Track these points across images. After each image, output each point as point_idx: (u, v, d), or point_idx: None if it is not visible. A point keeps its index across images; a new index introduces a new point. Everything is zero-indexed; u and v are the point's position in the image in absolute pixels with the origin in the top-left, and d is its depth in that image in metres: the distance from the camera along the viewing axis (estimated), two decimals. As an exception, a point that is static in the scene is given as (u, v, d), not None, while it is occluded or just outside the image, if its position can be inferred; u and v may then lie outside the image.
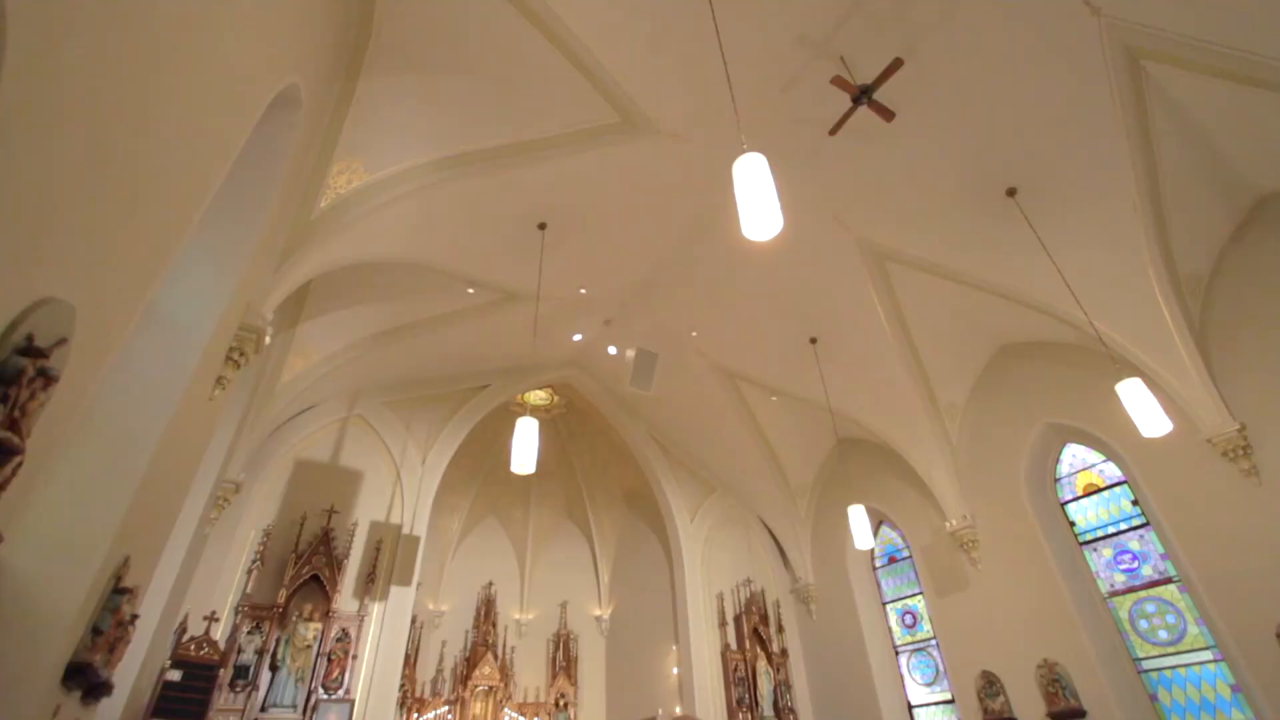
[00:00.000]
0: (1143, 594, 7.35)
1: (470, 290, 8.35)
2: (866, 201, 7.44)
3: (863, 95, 5.84)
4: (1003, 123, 6.24)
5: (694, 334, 9.84)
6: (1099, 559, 7.83)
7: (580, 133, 6.53)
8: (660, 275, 8.88)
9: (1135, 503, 7.59)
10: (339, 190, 5.81)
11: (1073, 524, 8.16)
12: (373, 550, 8.18)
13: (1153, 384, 6.60)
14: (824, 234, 7.86)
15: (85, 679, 3.63)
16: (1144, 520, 7.48)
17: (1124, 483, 7.74)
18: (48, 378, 2.34)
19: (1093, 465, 8.13)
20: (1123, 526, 7.68)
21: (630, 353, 9.98)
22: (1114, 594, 7.59)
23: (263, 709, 6.63)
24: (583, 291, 9.07)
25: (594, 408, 11.80)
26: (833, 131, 6.31)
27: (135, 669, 5.34)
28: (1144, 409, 5.27)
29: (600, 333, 10.29)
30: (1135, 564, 7.49)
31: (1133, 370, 6.89)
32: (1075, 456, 8.34)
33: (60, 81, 2.12)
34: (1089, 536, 7.98)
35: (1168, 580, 7.16)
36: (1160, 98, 5.74)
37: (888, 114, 5.97)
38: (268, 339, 5.61)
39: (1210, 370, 6.59)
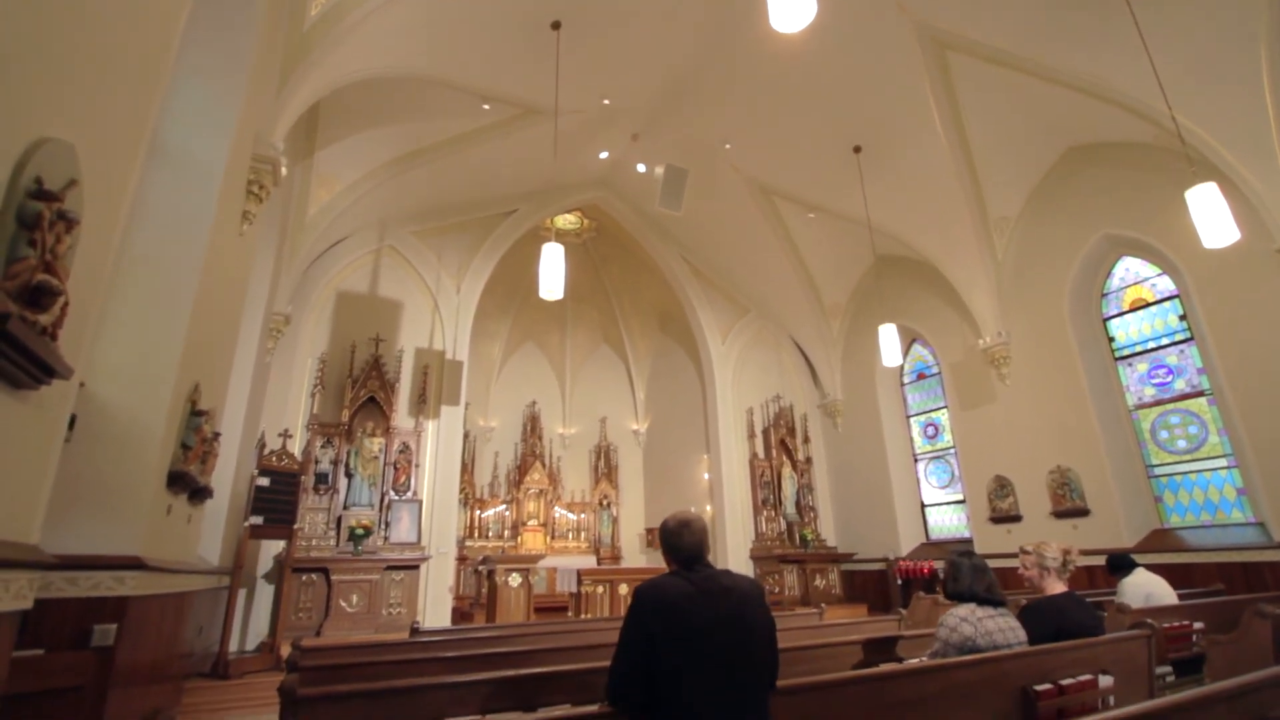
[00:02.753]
0: (1169, 406, 7.43)
1: (485, 106, 7.80)
2: (931, -23, 6.34)
3: None
4: None
5: (727, 146, 9.19)
6: (1132, 374, 7.83)
7: (592, -97, 5.53)
8: (689, 80, 8.07)
9: (1183, 317, 7.37)
10: (327, -6, 5.21)
11: (1112, 339, 8.06)
12: (420, 374, 8.74)
13: (1229, 189, 5.99)
14: (877, 22, 6.86)
15: (185, 484, 4.20)
16: (1188, 335, 7.31)
17: (1175, 297, 7.46)
18: (68, 221, 2.35)
19: (1146, 279, 7.79)
20: (1164, 341, 7.55)
21: (659, 170, 9.46)
22: (1140, 407, 7.70)
23: (345, 507, 7.67)
24: (606, 102, 8.37)
25: (624, 231, 11.54)
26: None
27: (230, 477, 6.13)
28: (1213, 217, 4.84)
29: (628, 149, 9.69)
30: (1169, 378, 7.48)
31: (1210, 173, 6.22)
32: (1128, 270, 7.97)
33: None
34: (1126, 352, 7.90)
35: (1199, 394, 7.19)
36: None
37: None
38: (283, 169, 5.48)
39: (1305, 171, 5.92)
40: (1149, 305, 7.74)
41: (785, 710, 1.81)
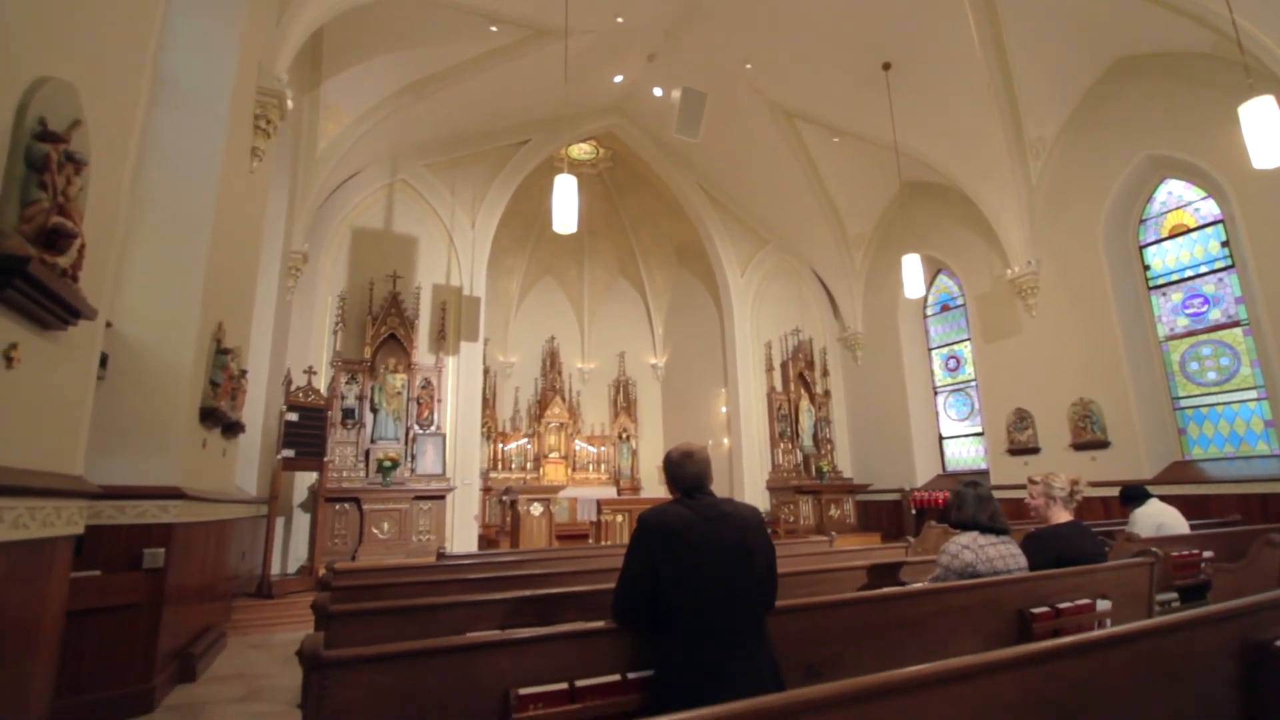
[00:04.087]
0: (1202, 337, 7.22)
1: (493, 28, 7.47)
2: None
3: None
4: None
5: (748, 66, 8.73)
6: (1166, 304, 7.58)
7: None
8: (708, -4, 7.59)
9: (1225, 244, 7.05)
10: (320, -91, 4.94)
11: (1147, 268, 7.77)
12: (439, 311, 8.81)
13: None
14: (911, -77, 6.32)
15: (217, 419, 4.38)
16: (1229, 263, 7.01)
17: (1218, 222, 7.10)
18: (76, 162, 2.35)
19: (1189, 204, 7.40)
20: (1203, 269, 7.25)
21: (676, 94, 9.07)
22: (1172, 338, 7.50)
23: (372, 441, 7.95)
24: (620, 20, 7.95)
25: (641, 160, 11.21)
26: None
27: (261, 412, 6.37)
28: (1266, 134, 4.53)
29: (643, 72, 9.28)
30: (1205, 308, 7.23)
31: (1270, 85, 5.77)
32: (1171, 194, 7.58)
33: None
34: (1161, 281, 7.63)
35: (1235, 324, 6.96)
36: None
37: None
38: (289, 102, 5.38)
39: (1376, 81, 5.45)
40: (1189, 231, 7.39)
41: (787, 629, 1.90)
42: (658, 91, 9.54)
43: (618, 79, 9.41)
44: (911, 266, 7.63)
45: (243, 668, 4.29)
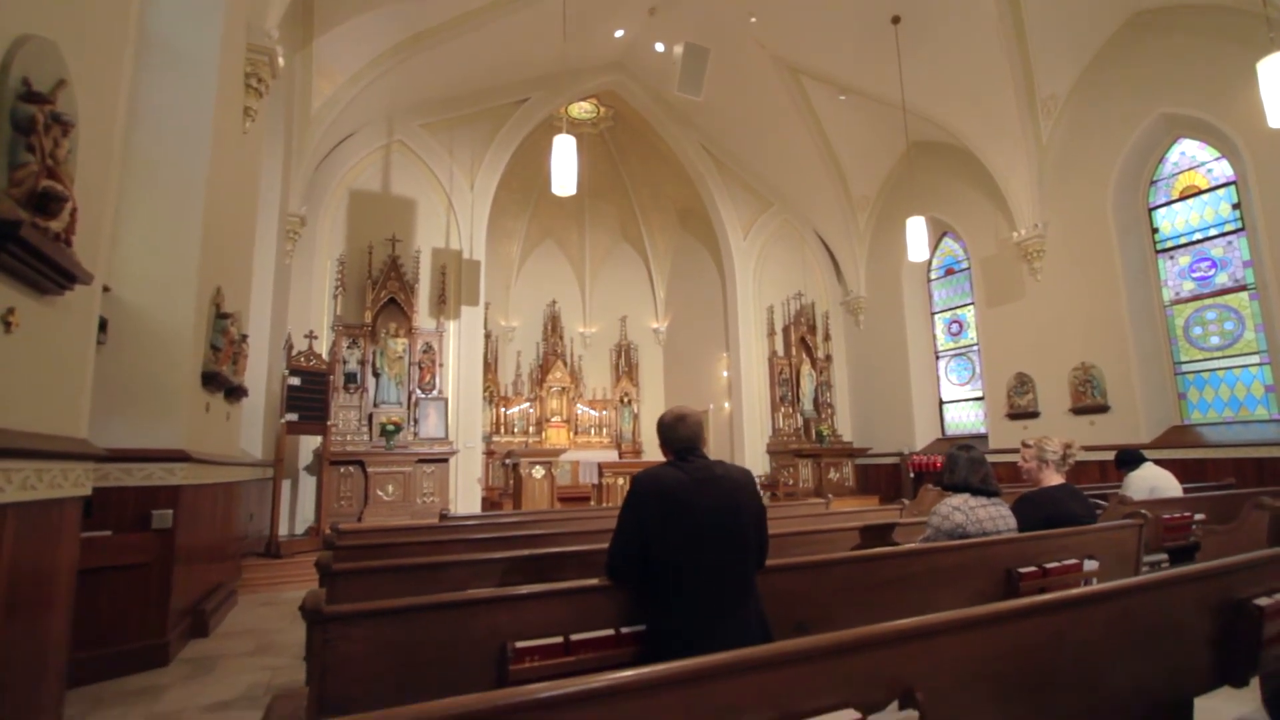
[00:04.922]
0: (1208, 301, 7.17)
1: (489, -17, 7.24)
2: None
3: None
4: None
5: (753, 20, 8.47)
6: (1172, 267, 7.50)
7: None
8: (711, -54, 7.32)
9: (1236, 206, 6.93)
10: None
11: (1155, 230, 7.66)
12: (439, 275, 8.76)
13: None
14: None
15: (219, 384, 4.42)
16: (1239, 226, 6.91)
17: (1231, 184, 6.97)
18: (63, 123, 2.31)
19: (1202, 164, 7.25)
20: (1212, 232, 7.15)
21: (678, 49, 8.81)
22: (1176, 302, 7.44)
23: (375, 405, 8.02)
24: (620, -25, 7.70)
25: (642, 119, 10.96)
26: None
27: (264, 377, 6.41)
28: (1284, 93, 4.41)
29: (645, 26, 9.00)
30: (1211, 271, 7.15)
31: (1293, 42, 5.59)
32: (1184, 154, 7.42)
33: None
34: (1169, 244, 7.53)
35: (1241, 288, 6.89)
36: None
37: None
38: (280, 60, 5.26)
39: (1402, 35, 5.26)
40: (1201, 193, 7.26)
41: (778, 587, 1.95)
42: (659, 47, 9.27)
43: (619, 34, 9.14)
44: (916, 229, 7.54)
45: (253, 623, 4.43)
